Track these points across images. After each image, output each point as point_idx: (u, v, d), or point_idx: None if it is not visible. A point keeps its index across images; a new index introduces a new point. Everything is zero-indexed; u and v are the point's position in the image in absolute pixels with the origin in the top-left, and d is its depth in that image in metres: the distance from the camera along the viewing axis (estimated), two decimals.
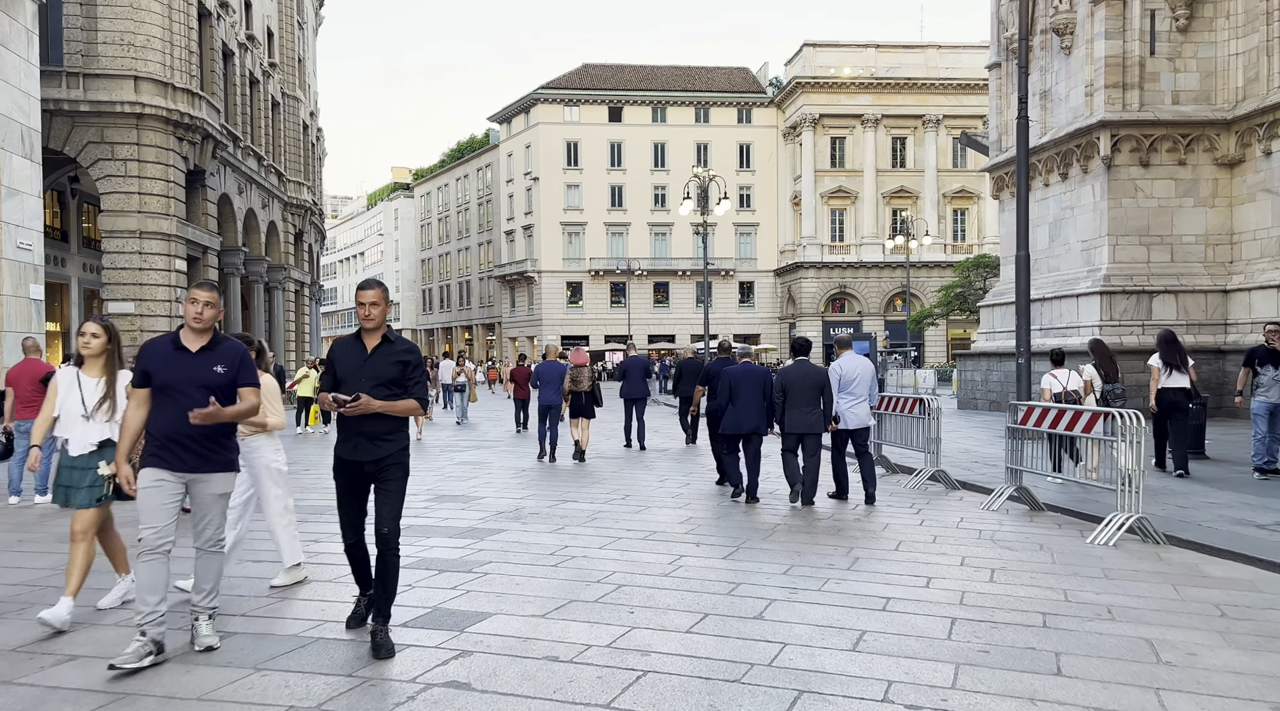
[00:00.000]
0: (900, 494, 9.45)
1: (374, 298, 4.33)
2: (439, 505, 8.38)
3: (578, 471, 11.35)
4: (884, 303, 61.03)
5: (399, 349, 4.37)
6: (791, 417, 8.50)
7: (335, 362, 4.40)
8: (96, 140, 25.45)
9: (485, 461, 12.36)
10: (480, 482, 10.16)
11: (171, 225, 26.14)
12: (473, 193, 73.77)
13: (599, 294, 63.66)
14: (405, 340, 4.48)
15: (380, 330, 4.36)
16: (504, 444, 15.23)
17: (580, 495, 9.17)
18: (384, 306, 4.35)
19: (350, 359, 4.36)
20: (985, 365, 21.22)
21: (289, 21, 40.74)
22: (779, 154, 64.45)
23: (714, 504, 8.75)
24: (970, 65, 61.06)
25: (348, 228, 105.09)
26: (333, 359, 4.43)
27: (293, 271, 41.46)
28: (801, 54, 60.80)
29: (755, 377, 8.88)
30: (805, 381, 8.49)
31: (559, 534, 6.98)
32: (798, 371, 8.58)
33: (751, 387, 8.81)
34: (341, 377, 4.36)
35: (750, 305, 65.03)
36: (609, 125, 62.88)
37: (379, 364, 4.29)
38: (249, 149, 34.62)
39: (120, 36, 25.56)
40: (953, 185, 61.51)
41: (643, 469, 11.70)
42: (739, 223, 63.72)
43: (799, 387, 8.48)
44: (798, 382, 8.50)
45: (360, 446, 4.29)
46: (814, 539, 6.96)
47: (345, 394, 4.21)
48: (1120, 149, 17.34)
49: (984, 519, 7.91)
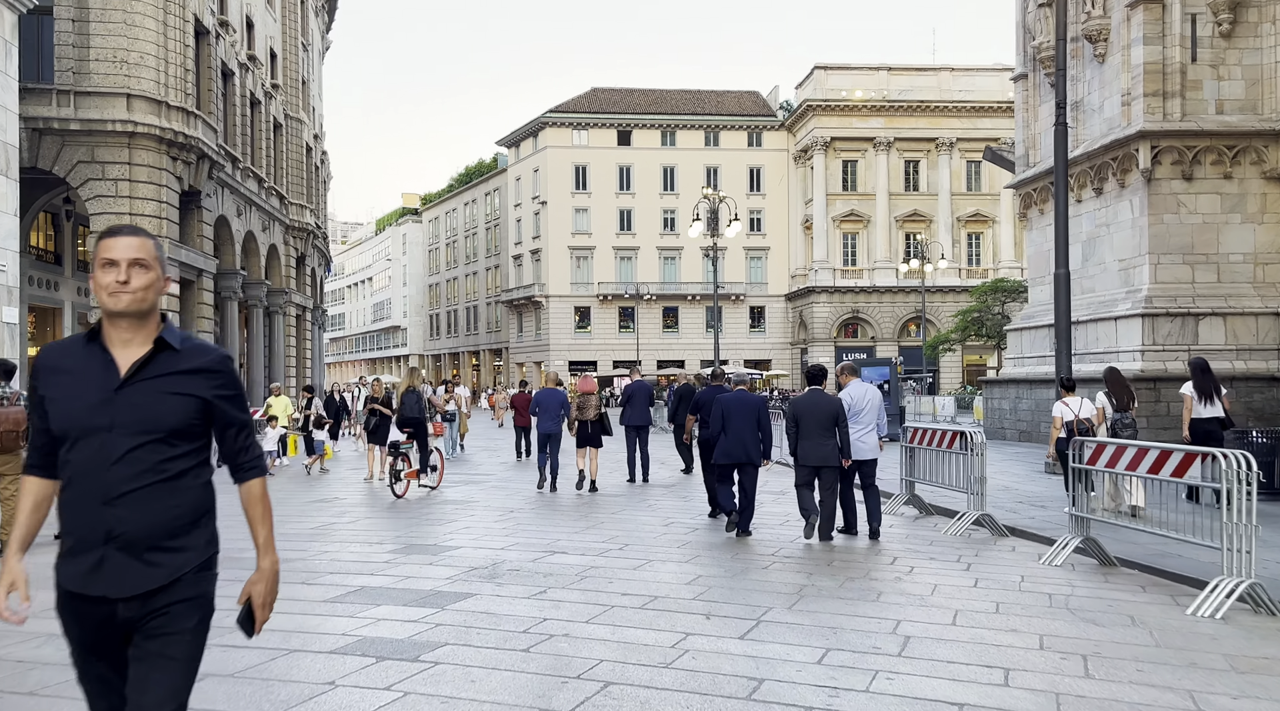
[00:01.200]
0: (943, 543, 8.19)
1: (135, 253, 2.18)
2: (403, 558, 7.17)
3: (573, 512, 10.15)
4: (898, 328, 59.74)
5: (194, 361, 2.24)
6: (805, 449, 8.09)
7: (47, 393, 2.22)
8: (87, 159, 24.63)
9: (471, 500, 11.14)
10: (459, 527, 8.95)
11: (164, 247, 25.25)
12: (480, 217, 73.16)
13: (607, 319, 62.62)
14: (201, 342, 2.37)
15: (149, 321, 2.22)
16: (496, 478, 14.01)
17: (572, 543, 7.95)
18: (156, 275, 2.21)
19: (80, 386, 2.18)
20: (1014, 392, 19.94)
21: (293, 43, 40.20)
22: (790, 177, 63.59)
23: (725, 555, 7.52)
24: (984, 87, 60.23)
25: (356, 253, 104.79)
26: (41, 385, 2.23)
27: (294, 295, 40.58)
28: (813, 77, 60.09)
29: (748, 406, 8.55)
30: (819, 411, 8.10)
31: (539, 600, 5.76)
32: (811, 401, 8.21)
33: (744, 416, 8.46)
34: (60, 428, 2.19)
35: (761, 330, 63.83)
36: (618, 149, 62.21)
37: (145, 397, 2.17)
38: (249, 171, 33.86)
39: (113, 53, 24.83)
40: (967, 209, 60.42)
41: (646, 508, 10.47)
42: (749, 247, 62.73)
43: (812, 418, 8.08)
44: (811, 412, 8.10)
45: (108, 567, 2.14)
46: (850, 607, 5.72)
47: (80, 458, 2.15)
48: (1161, 161, 16.17)
49: (1049, 577, 6.65)
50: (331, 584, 6.14)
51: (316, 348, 48.57)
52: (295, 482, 13.61)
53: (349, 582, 6.18)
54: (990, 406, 21.20)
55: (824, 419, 8.06)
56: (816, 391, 8.36)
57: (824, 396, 8.31)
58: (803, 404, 8.23)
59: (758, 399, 8.82)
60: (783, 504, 10.74)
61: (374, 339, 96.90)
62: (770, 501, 11.21)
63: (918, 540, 8.33)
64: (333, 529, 8.82)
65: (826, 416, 8.07)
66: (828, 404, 8.18)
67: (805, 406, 8.18)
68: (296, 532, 8.45)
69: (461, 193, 76.70)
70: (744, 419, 8.45)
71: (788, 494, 9.12)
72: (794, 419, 8.20)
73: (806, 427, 8.09)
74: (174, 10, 25.96)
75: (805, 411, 8.14)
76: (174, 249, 25.68)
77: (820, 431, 8.03)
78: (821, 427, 8.04)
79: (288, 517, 9.59)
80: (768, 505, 10.80)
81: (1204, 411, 9.62)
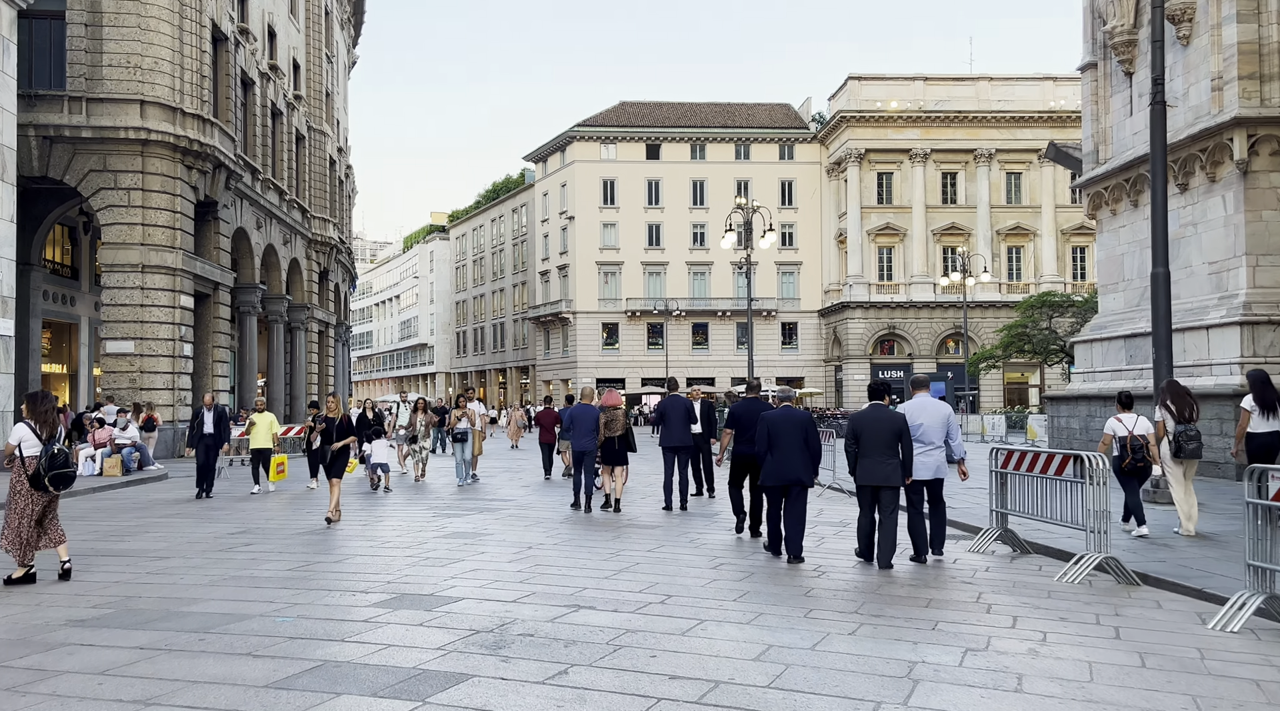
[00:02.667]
0: (1064, 595, 6.55)
1: None
2: (388, 616, 5.67)
3: (602, 548, 8.63)
4: (936, 344, 57.67)
5: None
6: (865, 468, 7.68)
7: None
8: (99, 168, 23.75)
9: (484, 532, 9.64)
10: (466, 568, 7.45)
11: (177, 258, 24.21)
12: (508, 233, 72.29)
13: (635, 335, 61.20)
14: None
15: None
16: (514, 505, 12.50)
17: (601, 593, 6.42)
18: None
19: None
20: (1085, 410, 18.13)
21: (316, 54, 39.47)
22: (823, 190, 61.99)
23: (795, 611, 5.95)
24: (1024, 97, 58.38)
25: (384, 271, 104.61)
26: None
27: (316, 311, 39.60)
28: (846, 87, 58.61)
29: (795, 423, 8.13)
30: (880, 427, 7.66)
31: (557, 687, 4.24)
32: (872, 416, 7.79)
33: (792, 433, 8.05)
34: None
35: (793, 347, 62.05)
36: (646, 163, 61.05)
37: None
38: (269, 182, 32.98)
39: (126, 59, 23.99)
40: (1007, 222, 58.37)
41: (688, 543, 8.92)
42: (781, 262, 61.11)
43: (873, 434, 7.65)
44: (872, 428, 7.68)
45: None
46: (994, 703, 4.14)
47: None
48: (1258, 152, 14.44)
49: (1234, 652, 5.02)
50: (285, 656, 4.67)
51: (340, 365, 47.59)
52: (291, 507, 12.24)
53: (309, 654, 4.71)
54: (1057, 425, 19.39)
55: (886, 435, 7.62)
56: (878, 406, 7.89)
57: (886, 411, 7.83)
58: (863, 419, 7.79)
59: (804, 415, 8.35)
60: (846, 538, 9.16)
61: (401, 357, 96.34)
62: (832, 534, 9.61)
63: (1030, 590, 6.71)
64: (314, 570, 7.38)
65: (888, 432, 7.62)
66: (889, 419, 7.71)
67: (866, 422, 7.73)
68: (269, 576, 7.02)
69: (488, 209, 75.96)
70: (791, 437, 8.03)
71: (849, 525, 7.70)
72: (854, 435, 7.77)
73: (867, 445, 7.67)
74: (190, 15, 25.11)
75: (866, 427, 7.70)
76: (188, 261, 24.67)
77: (882, 448, 7.61)
78: (883, 444, 7.61)
79: (266, 555, 8.16)
80: (829, 540, 9.22)
81: (1264, 425, 9.08)
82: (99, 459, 16.57)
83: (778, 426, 8.07)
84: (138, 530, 9.78)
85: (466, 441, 15.62)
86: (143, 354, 23.92)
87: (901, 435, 7.66)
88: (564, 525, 10.24)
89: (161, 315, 24.19)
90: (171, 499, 13.45)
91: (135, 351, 23.89)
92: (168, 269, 24.25)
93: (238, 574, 7.09)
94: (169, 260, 24.24)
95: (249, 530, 9.78)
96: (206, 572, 7.09)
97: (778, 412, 8.29)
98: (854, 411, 49.00)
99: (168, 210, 24.37)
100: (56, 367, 30.61)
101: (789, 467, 7.96)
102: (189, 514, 11.41)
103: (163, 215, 24.29)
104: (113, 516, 11.13)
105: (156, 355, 24.07)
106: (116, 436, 17.07)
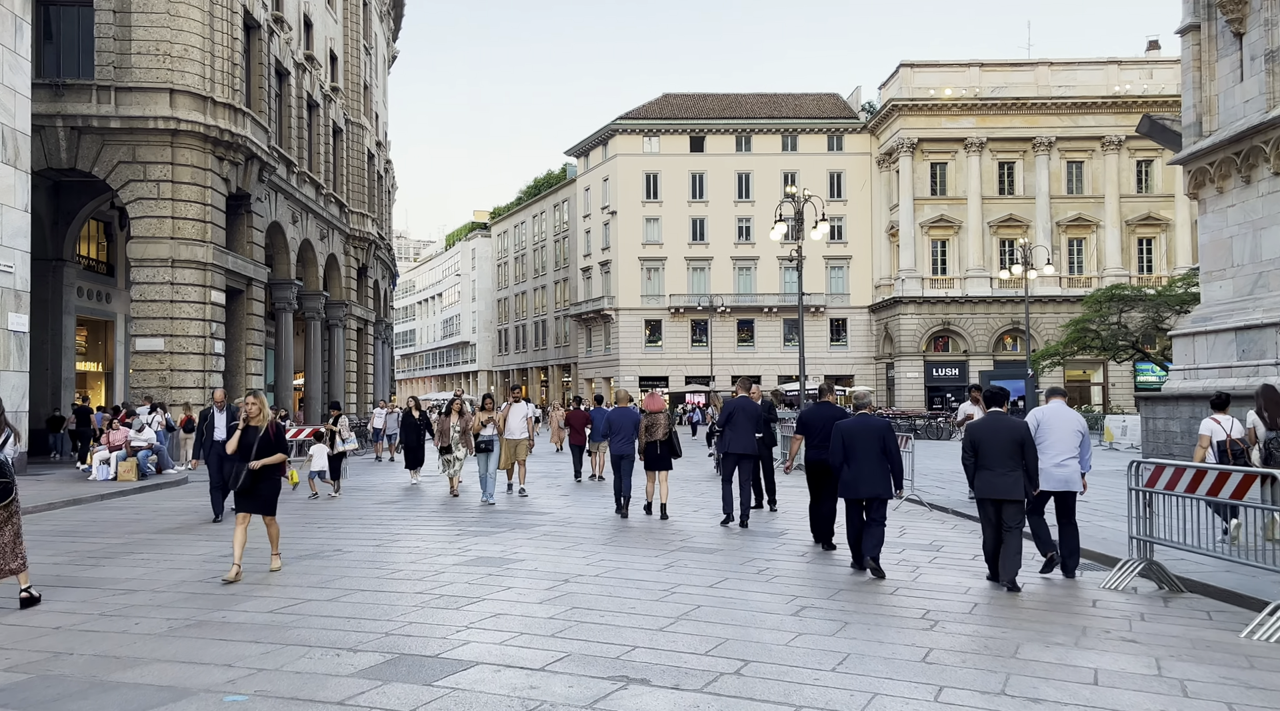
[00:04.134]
0: (1268, 662, 4.94)
1: None
2: (375, 692, 4.24)
3: (653, 582, 7.18)
4: (992, 341, 55.14)
5: None
6: (984, 480, 7.21)
7: None
8: (128, 159, 22.92)
9: (512, 557, 8.22)
10: (486, 612, 6.01)
11: (208, 252, 23.32)
12: (549, 229, 71.26)
13: (679, 332, 59.66)
14: None
15: None
16: (551, 520, 11.06)
17: (655, 655, 4.96)
18: None
19: None
20: (1187, 411, 16.21)
21: (354, 45, 38.61)
22: (873, 182, 59.81)
23: (919, 685, 4.44)
24: (1086, 82, 55.53)
25: (426, 269, 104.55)
26: None
27: (355, 308, 38.75)
28: (898, 75, 56.35)
29: (872, 431, 7.73)
30: (1000, 436, 7.17)
31: None
32: (991, 424, 7.31)
33: (869, 443, 7.66)
34: None
35: (842, 344, 59.98)
36: (690, 155, 59.46)
37: None
38: (305, 175, 32.11)
39: (155, 47, 23.12)
40: (1067, 213, 55.61)
41: (756, 577, 7.43)
42: (829, 256, 59.07)
43: (993, 444, 7.17)
44: (991, 438, 7.20)
45: None
46: None
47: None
48: None
49: None
50: None
51: (381, 363, 46.82)
52: (298, 522, 10.98)
53: None
54: (1153, 429, 17.46)
55: (1007, 445, 7.11)
56: (997, 414, 7.38)
57: (1006, 419, 7.33)
58: (982, 429, 7.29)
59: (881, 423, 7.87)
60: (944, 567, 7.59)
61: (444, 355, 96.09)
62: (927, 562, 8.04)
63: (1220, 654, 5.10)
64: (300, 612, 6.02)
65: (1010, 442, 7.11)
66: (1010, 427, 7.20)
67: (985, 432, 7.24)
68: (243, 621, 5.69)
69: (530, 205, 75.02)
70: (868, 447, 7.63)
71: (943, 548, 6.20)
72: (972, 446, 7.28)
73: (987, 456, 7.16)
74: (221, 1, 24.22)
75: (985, 437, 7.21)
76: (220, 255, 23.78)
77: (1003, 459, 7.10)
78: (1005, 455, 7.10)
79: (250, 589, 6.85)
80: (926, 570, 7.66)
81: None
82: (114, 462, 15.57)
83: (853, 435, 7.64)
84: (119, 551, 8.58)
85: (492, 452, 12.72)
86: (173, 351, 23.05)
87: (1024, 444, 7.12)
88: (607, 548, 8.80)
89: (192, 311, 23.30)
90: (180, 508, 12.32)
91: (165, 349, 23.02)
92: (198, 263, 23.35)
93: (206, 617, 5.77)
94: (199, 254, 23.34)
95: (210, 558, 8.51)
96: (171, 614, 5.81)
97: (853, 421, 7.84)
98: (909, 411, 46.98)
99: (198, 202, 23.48)
100: (91, 366, 30.09)
101: (867, 481, 7.54)
102: (188, 530, 10.21)
103: (193, 207, 23.40)
104: (103, 532, 9.97)
105: (187, 353, 23.20)
106: (132, 438, 16.05)
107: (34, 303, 26.38)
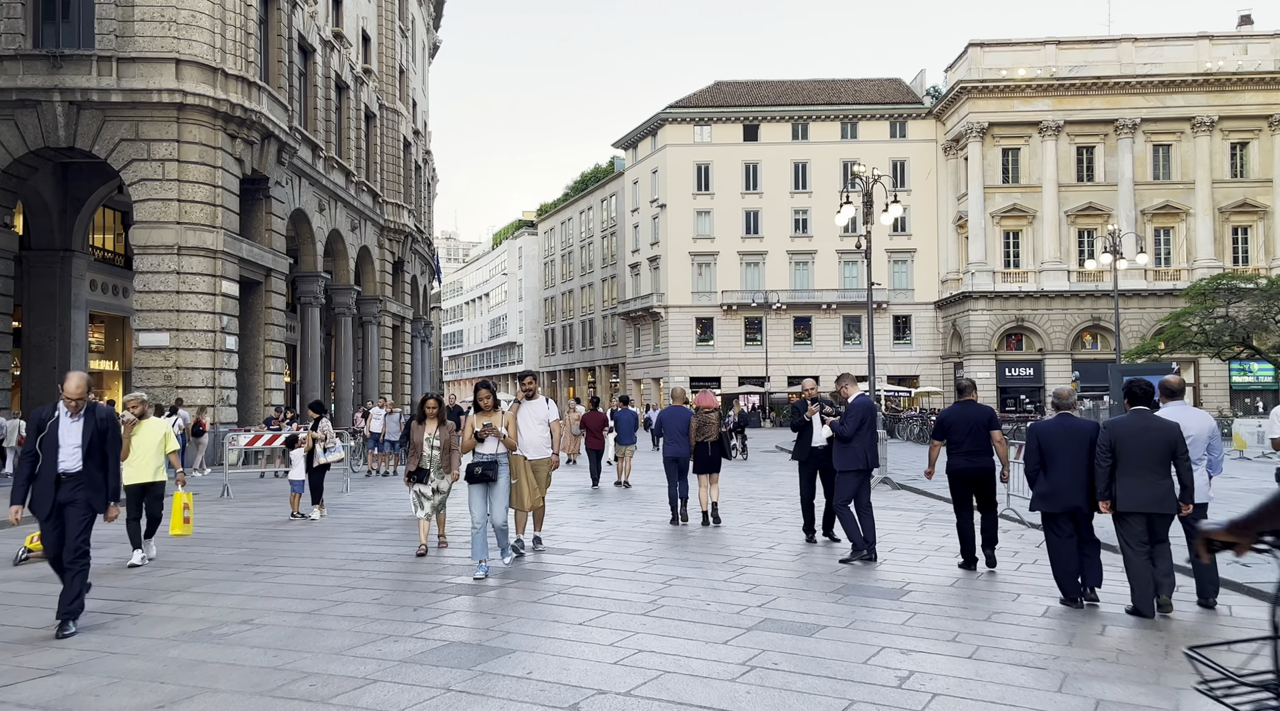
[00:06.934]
0: None
1: None
2: None
3: (732, 663, 4.47)
4: (1070, 338, 51.04)
5: None
6: (1127, 489, 6.33)
7: None
8: (130, 137, 20.98)
9: (499, 648, 5.52)
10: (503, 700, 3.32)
11: (218, 239, 21.26)
12: (596, 225, 68.92)
13: (731, 330, 56.72)
14: None
15: None
16: (573, 566, 8.15)
17: None
18: None
19: None
20: None
21: (388, 26, 36.62)
22: (939, 170, 56.12)
23: None
24: (1174, 59, 51.14)
25: (474, 269, 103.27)
26: None
27: (390, 304, 36.73)
28: (966, 56, 52.66)
29: (1080, 435, 6.77)
30: (1149, 438, 6.35)
31: None
32: (1137, 425, 6.46)
33: (1075, 449, 6.73)
34: None
35: (907, 342, 56.41)
36: (743, 145, 56.55)
37: None
38: (333, 161, 30.11)
39: (160, 13, 21.16)
40: (1153, 200, 51.26)
41: (896, 688, 4.66)
42: (892, 249, 55.57)
43: (1140, 448, 6.35)
44: (1136, 441, 6.37)
45: None
46: None
47: None
48: None
49: None
50: None
51: (420, 362, 44.85)
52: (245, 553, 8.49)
53: None
54: None
55: (1158, 449, 6.35)
56: (1142, 413, 6.57)
57: (1155, 420, 6.50)
58: (1125, 428, 6.47)
59: (1089, 426, 6.88)
60: None
61: (490, 356, 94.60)
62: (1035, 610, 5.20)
63: None
64: None
65: (1160, 446, 6.35)
66: (1161, 429, 6.40)
67: (1128, 431, 6.44)
68: None
69: (577, 201, 72.81)
70: (1073, 454, 6.77)
71: None
72: (1110, 448, 6.45)
73: (1130, 461, 6.38)
74: None
75: (1128, 438, 6.41)
76: (232, 242, 21.74)
77: (1151, 466, 6.34)
78: (1154, 461, 6.35)
79: (96, 680, 4.34)
80: (1026, 599, 4.81)
81: None
82: None
83: (1052, 440, 6.83)
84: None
85: (496, 482, 7.64)
86: (179, 347, 20.98)
87: (1176, 450, 6.42)
88: (649, 619, 6.06)
89: (200, 303, 21.24)
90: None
91: (171, 345, 20.95)
92: (207, 250, 21.30)
93: None
94: (208, 240, 21.29)
95: (130, 605, 6.02)
96: None
97: (1052, 424, 6.96)
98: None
99: (207, 184, 21.45)
100: (106, 364, 28.43)
101: (1067, 491, 6.73)
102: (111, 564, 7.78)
103: (202, 189, 21.38)
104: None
105: (195, 349, 21.12)
106: None
107: (40, 296, 24.79)
